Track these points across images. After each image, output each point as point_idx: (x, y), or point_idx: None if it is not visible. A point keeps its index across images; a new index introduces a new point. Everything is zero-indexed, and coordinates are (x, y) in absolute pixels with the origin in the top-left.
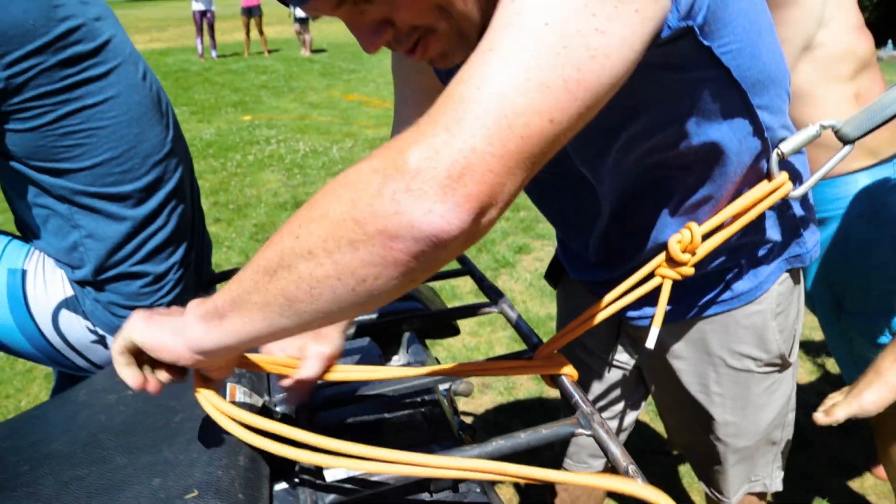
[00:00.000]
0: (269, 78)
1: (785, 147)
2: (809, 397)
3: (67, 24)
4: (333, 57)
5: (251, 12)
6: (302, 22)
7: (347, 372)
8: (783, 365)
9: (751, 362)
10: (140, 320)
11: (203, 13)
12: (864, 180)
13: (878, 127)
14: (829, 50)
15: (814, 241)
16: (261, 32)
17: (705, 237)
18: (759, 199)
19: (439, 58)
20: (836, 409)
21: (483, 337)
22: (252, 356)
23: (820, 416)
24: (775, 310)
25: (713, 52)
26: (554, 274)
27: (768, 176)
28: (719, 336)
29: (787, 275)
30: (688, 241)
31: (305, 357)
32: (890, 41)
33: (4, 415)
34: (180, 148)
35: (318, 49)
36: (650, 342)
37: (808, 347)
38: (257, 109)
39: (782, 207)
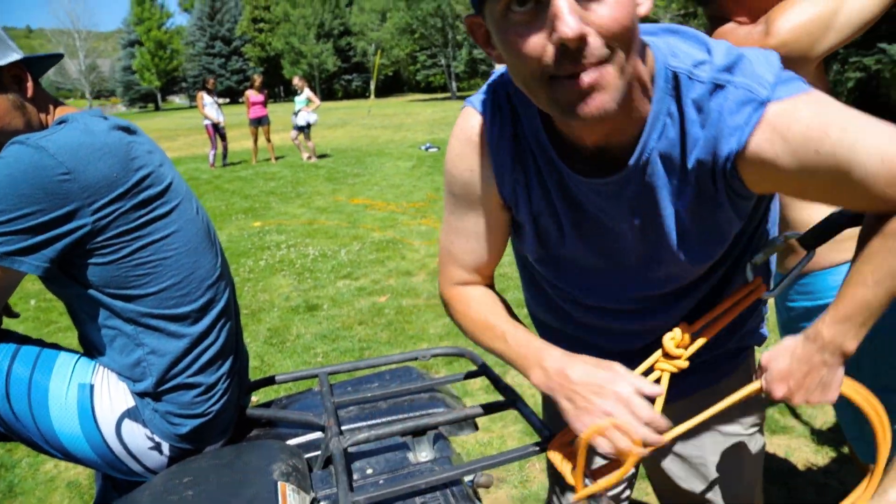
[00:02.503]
0: (277, 184)
1: (758, 258)
2: (817, 476)
3: (140, 172)
4: (338, 162)
5: (260, 122)
6: (302, 130)
7: None
8: (762, 423)
9: (738, 426)
10: None
11: (216, 125)
12: None
13: (832, 236)
14: None
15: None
16: (268, 140)
17: (695, 334)
18: (739, 299)
19: (601, 93)
20: None
21: (495, 432)
22: None
23: None
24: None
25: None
26: None
27: (745, 280)
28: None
29: (755, 349)
30: (679, 338)
31: None
32: None
33: None
34: (226, 271)
35: (323, 154)
36: (669, 436)
37: (813, 423)
38: (267, 215)
39: (756, 303)
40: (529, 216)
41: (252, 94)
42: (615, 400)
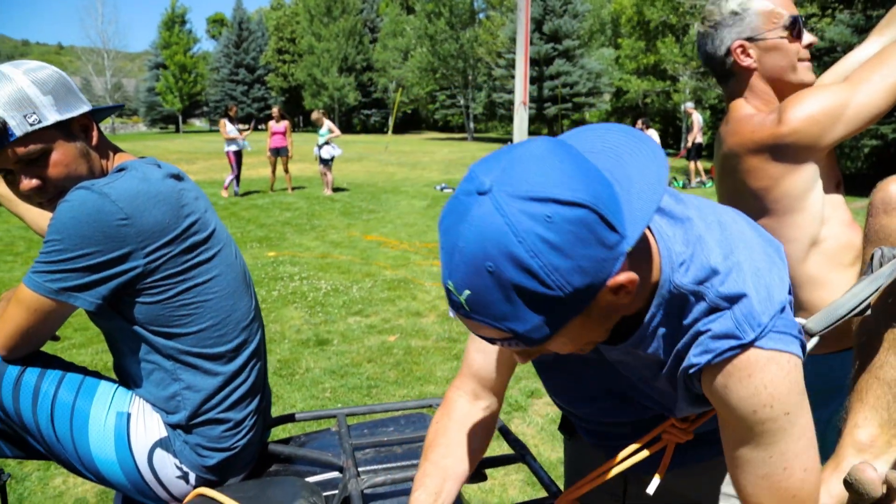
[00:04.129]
0: (293, 215)
1: None
2: None
3: (189, 219)
4: (354, 197)
5: (279, 152)
6: (325, 163)
7: None
8: None
9: (736, 500)
10: None
11: (238, 153)
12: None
13: (835, 324)
14: (833, 243)
15: None
16: (286, 171)
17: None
18: None
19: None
20: None
21: (497, 479)
22: None
23: None
24: None
25: None
26: (568, 426)
27: None
28: (712, 477)
29: None
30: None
31: None
32: None
33: None
34: (259, 313)
35: (339, 188)
36: (651, 489)
37: None
38: (281, 246)
39: None
40: None
41: (273, 125)
42: None
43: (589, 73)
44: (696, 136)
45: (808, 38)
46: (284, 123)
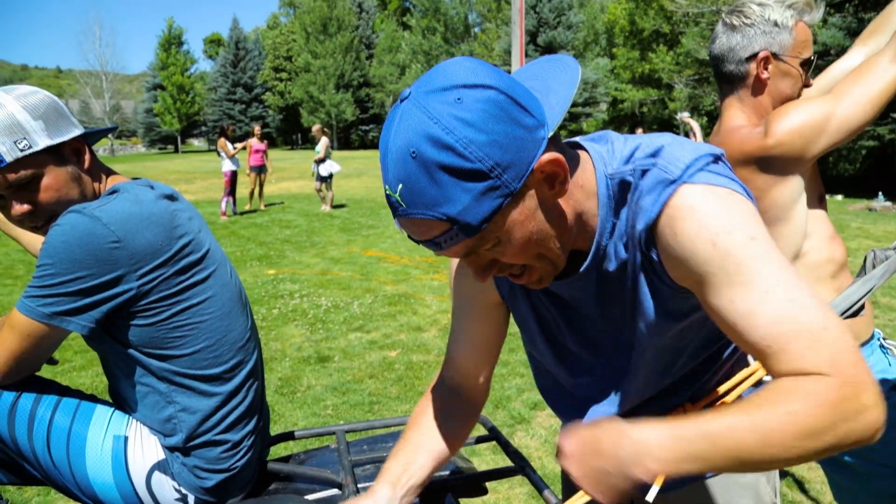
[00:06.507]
0: (293, 232)
1: None
2: None
3: (183, 240)
4: (353, 213)
5: (260, 170)
6: (324, 180)
7: None
8: None
9: None
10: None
11: (234, 172)
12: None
13: None
14: (815, 256)
15: None
16: (260, 188)
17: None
18: (741, 382)
19: (536, 283)
20: None
21: (501, 493)
22: None
23: None
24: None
25: None
26: None
27: (747, 363)
28: (722, 496)
29: None
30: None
31: None
32: (880, 192)
33: None
34: (255, 333)
35: (339, 204)
36: (650, 496)
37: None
38: (281, 263)
39: (756, 385)
40: (530, 310)
41: (255, 143)
42: None
43: (585, 83)
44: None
45: (809, 78)
46: (265, 143)
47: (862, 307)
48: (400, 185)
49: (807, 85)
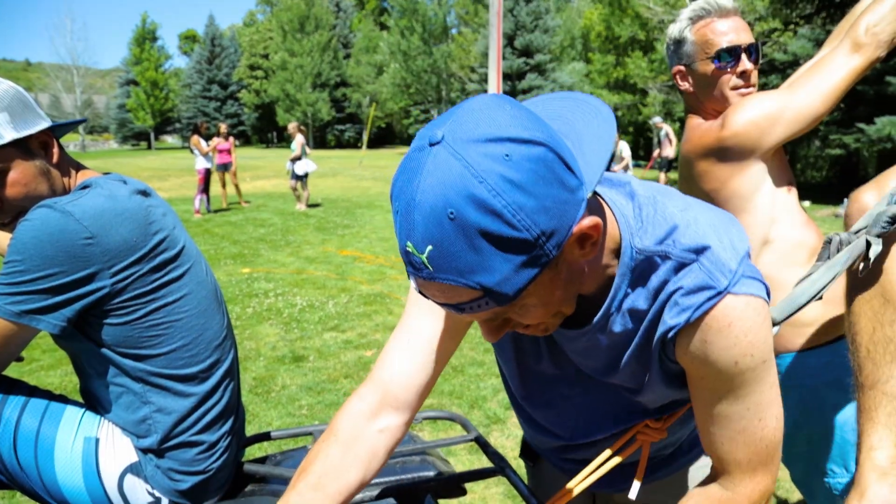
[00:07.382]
0: (267, 231)
1: None
2: None
3: (157, 236)
4: (328, 212)
5: (226, 167)
6: (299, 178)
7: None
8: None
9: None
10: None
11: (208, 170)
12: (827, 354)
13: (796, 312)
14: (784, 242)
15: None
16: (223, 185)
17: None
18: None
19: (542, 332)
20: None
21: (477, 493)
22: None
23: None
24: None
25: None
26: (530, 452)
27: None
28: (682, 488)
29: None
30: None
31: None
32: (846, 199)
33: None
34: (231, 332)
35: (314, 204)
36: (633, 494)
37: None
38: (255, 262)
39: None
40: (511, 337)
41: (220, 142)
42: None
43: (561, 87)
44: (669, 148)
45: (743, 65)
46: (230, 140)
47: (823, 291)
48: (429, 247)
49: (742, 74)
